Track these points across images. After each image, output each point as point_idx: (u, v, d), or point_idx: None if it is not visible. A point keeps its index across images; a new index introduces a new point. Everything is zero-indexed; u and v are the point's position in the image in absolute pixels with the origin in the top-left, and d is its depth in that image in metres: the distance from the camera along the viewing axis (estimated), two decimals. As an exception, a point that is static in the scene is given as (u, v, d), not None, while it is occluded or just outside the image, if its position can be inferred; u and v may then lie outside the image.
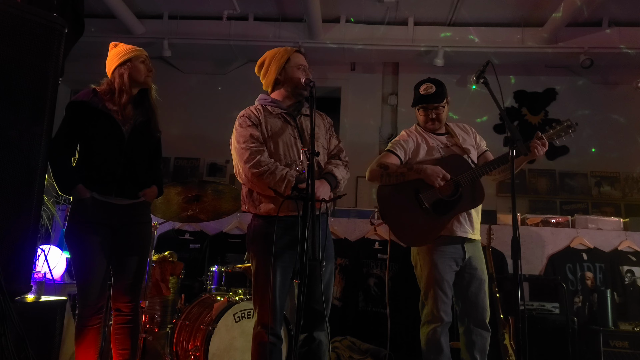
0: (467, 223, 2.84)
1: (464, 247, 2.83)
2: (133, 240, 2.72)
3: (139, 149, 2.73)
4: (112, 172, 2.62)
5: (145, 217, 2.83)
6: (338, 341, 4.20)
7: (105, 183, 2.61)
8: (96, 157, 2.63)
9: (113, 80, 2.68)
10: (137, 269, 2.72)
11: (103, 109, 2.63)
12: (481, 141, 3.08)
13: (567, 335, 3.78)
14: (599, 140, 6.46)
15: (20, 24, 1.96)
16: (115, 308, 2.71)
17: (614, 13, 6.00)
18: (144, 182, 2.76)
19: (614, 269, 4.46)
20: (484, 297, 2.84)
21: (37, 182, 2.02)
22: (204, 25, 6.52)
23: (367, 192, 6.68)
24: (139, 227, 2.76)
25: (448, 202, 2.78)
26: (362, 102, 7.07)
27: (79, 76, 6.17)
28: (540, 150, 2.72)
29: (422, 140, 2.97)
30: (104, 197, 2.61)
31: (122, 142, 2.65)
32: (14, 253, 1.92)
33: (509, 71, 6.68)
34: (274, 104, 2.56)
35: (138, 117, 2.72)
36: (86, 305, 2.61)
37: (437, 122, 2.98)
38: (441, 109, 2.95)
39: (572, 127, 2.80)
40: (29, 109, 2.03)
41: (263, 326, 2.37)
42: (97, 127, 2.62)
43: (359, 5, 6.18)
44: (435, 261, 2.81)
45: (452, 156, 2.90)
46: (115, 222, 2.65)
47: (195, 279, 4.27)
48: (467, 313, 2.86)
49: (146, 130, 2.75)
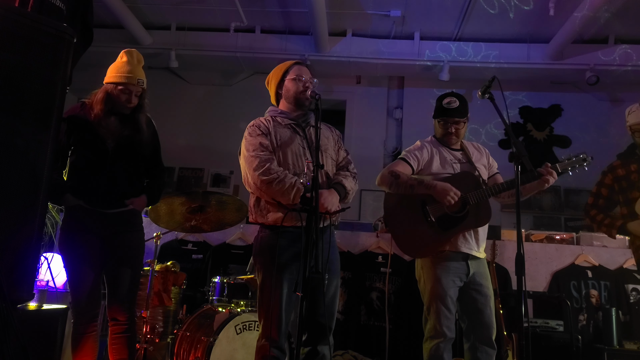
0: (472, 240, 2.82)
1: (468, 263, 2.81)
2: (124, 249, 2.74)
3: (125, 162, 2.77)
4: (95, 184, 2.68)
5: (136, 225, 2.85)
6: (340, 355, 4.17)
7: (90, 195, 2.67)
8: (81, 169, 2.69)
9: (103, 92, 2.73)
10: (129, 278, 2.74)
11: (87, 123, 2.70)
12: (493, 163, 3.07)
13: (572, 353, 3.74)
14: (604, 157, 6.44)
15: (29, 33, 1.97)
16: (111, 317, 2.72)
17: (620, 30, 6.03)
18: (130, 194, 2.79)
19: (619, 287, 4.42)
20: (490, 313, 2.81)
21: (42, 190, 2.02)
22: (211, 37, 6.58)
23: (370, 205, 6.67)
24: (129, 235, 2.78)
25: (454, 218, 2.76)
26: (367, 115, 7.09)
27: (87, 85, 6.19)
28: (551, 180, 2.74)
29: (436, 152, 2.96)
30: (91, 206, 2.67)
31: (105, 156, 2.70)
32: (17, 260, 1.92)
33: (514, 87, 6.70)
34: (282, 115, 2.59)
35: (125, 131, 2.76)
36: (79, 313, 2.64)
37: (455, 137, 2.95)
38: (461, 124, 2.93)
39: (587, 162, 2.79)
40: (36, 118, 2.04)
41: (267, 339, 2.34)
42: (83, 140, 2.70)
43: (366, 19, 6.23)
44: (438, 276, 2.78)
45: (463, 173, 2.89)
46: (104, 230, 2.69)
47: (197, 290, 4.26)
48: (472, 330, 2.83)
49: (133, 144, 2.78)
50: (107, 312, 2.72)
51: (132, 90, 2.71)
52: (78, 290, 2.63)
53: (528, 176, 2.73)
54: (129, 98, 2.73)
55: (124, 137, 2.75)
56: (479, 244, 2.85)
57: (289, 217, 2.33)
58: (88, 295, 2.64)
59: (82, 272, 2.63)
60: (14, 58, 1.93)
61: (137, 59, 2.78)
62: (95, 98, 2.72)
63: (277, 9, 6.18)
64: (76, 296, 2.64)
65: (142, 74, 2.77)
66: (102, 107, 2.69)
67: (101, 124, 2.71)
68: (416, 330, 4.21)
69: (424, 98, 6.88)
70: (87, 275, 2.64)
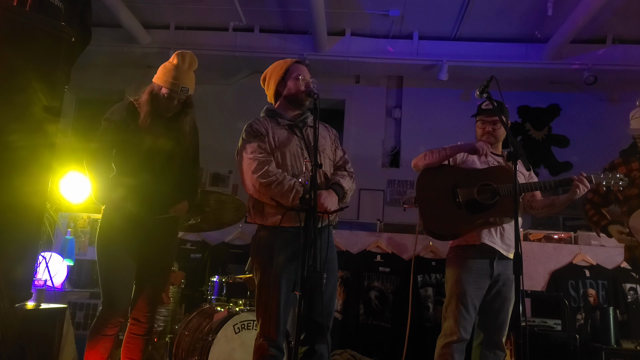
0: (497, 236, 2.80)
1: (493, 264, 2.79)
2: (159, 255, 2.74)
3: (168, 167, 2.73)
4: (141, 190, 2.63)
5: (174, 231, 2.87)
6: (338, 354, 4.17)
7: (140, 196, 2.63)
8: (126, 173, 2.65)
9: (149, 94, 2.66)
10: (159, 283, 2.78)
11: (133, 124, 2.64)
12: (532, 175, 3.05)
13: (569, 352, 3.74)
14: (602, 157, 6.45)
15: (27, 32, 1.97)
16: (133, 317, 2.73)
17: (618, 30, 6.03)
18: (174, 196, 2.77)
19: (617, 286, 4.42)
20: (504, 317, 2.81)
21: (41, 189, 2.02)
22: (210, 36, 6.57)
23: (369, 204, 6.68)
24: (166, 241, 2.79)
25: (482, 204, 2.76)
26: (366, 115, 7.09)
27: (85, 84, 6.22)
28: (581, 188, 2.71)
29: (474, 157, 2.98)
30: (136, 209, 2.62)
31: (149, 159, 2.66)
32: (16, 260, 1.92)
33: (513, 86, 6.71)
34: (279, 115, 2.58)
35: (170, 135, 2.71)
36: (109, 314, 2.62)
37: (492, 137, 2.96)
38: (498, 125, 2.94)
39: (624, 181, 2.76)
40: (34, 117, 2.04)
41: (265, 339, 2.34)
42: (128, 142, 2.65)
43: (365, 18, 6.23)
44: (460, 275, 2.79)
45: (500, 167, 2.89)
46: (144, 235, 2.66)
47: (195, 289, 4.26)
48: (484, 329, 2.84)
49: (176, 148, 2.74)
50: (130, 312, 2.73)
51: (175, 97, 2.64)
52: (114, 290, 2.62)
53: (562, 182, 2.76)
54: (170, 103, 2.66)
55: (168, 141, 2.71)
56: (506, 243, 2.82)
57: (288, 218, 2.33)
58: (125, 295, 2.65)
59: (116, 271, 2.62)
60: (11, 56, 1.92)
61: (188, 63, 2.66)
62: (142, 99, 2.66)
63: (276, 9, 6.18)
64: (112, 297, 2.62)
65: (189, 80, 2.66)
66: (148, 109, 2.63)
67: (147, 126, 2.64)
68: (414, 329, 4.23)
69: (422, 98, 6.89)
70: (121, 276, 2.63)
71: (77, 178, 4.18)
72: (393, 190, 6.79)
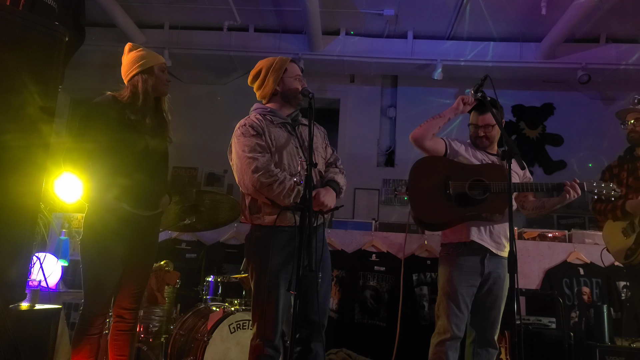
0: (486, 234, 2.83)
1: (484, 261, 2.81)
2: (146, 250, 2.73)
3: (159, 158, 2.73)
4: (140, 184, 2.60)
5: (159, 227, 2.87)
6: (333, 353, 4.18)
7: (136, 195, 2.59)
8: (122, 170, 2.58)
9: (135, 86, 2.63)
10: (145, 278, 2.78)
11: (125, 118, 2.60)
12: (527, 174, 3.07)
13: (564, 350, 3.76)
14: (596, 156, 6.49)
15: (20, 32, 1.96)
16: (117, 315, 2.71)
17: (611, 29, 6.06)
18: (162, 192, 2.77)
19: (611, 284, 4.44)
20: (496, 314, 2.83)
21: (35, 190, 2.01)
22: (205, 36, 6.55)
23: (364, 204, 6.69)
24: (153, 238, 2.79)
25: (472, 199, 2.77)
26: (361, 114, 7.10)
27: (79, 84, 6.19)
28: (571, 193, 2.77)
29: (470, 151, 3.00)
30: (132, 208, 2.59)
31: (145, 155, 2.64)
32: (10, 261, 1.91)
33: (507, 85, 6.73)
34: (272, 114, 2.55)
35: (156, 127, 2.72)
36: (96, 314, 2.59)
37: (487, 141, 2.98)
38: (489, 128, 2.95)
39: (616, 192, 2.80)
40: (28, 117, 2.03)
41: (262, 339, 2.34)
42: (122, 137, 2.58)
43: (359, 18, 6.23)
44: (451, 273, 2.81)
45: (494, 164, 2.91)
46: (136, 232, 2.63)
47: (191, 289, 4.25)
48: (476, 326, 2.86)
49: (161, 139, 2.75)
50: (114, 309, 2.71)
51: (165, 67, 2.68)
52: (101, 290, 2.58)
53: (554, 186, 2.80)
54: (167, 75, 2.71)
55: (156, 132, 2.71)
56: (495, 240, 2.84)
57: (284, 217, 2.33)
58: (110, 296, 2.62)
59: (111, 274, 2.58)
60: (4, 56, 1.92)
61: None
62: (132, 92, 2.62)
63: (270, 8, 6.17)
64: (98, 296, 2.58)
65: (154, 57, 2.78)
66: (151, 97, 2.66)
67: (139, 120, 2.62)
68: (409, 328, 4.25)
69: (417, 97, 6.91)
70: (114, 277, 2.60)
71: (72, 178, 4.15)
72: (388, 190, 6.80)
